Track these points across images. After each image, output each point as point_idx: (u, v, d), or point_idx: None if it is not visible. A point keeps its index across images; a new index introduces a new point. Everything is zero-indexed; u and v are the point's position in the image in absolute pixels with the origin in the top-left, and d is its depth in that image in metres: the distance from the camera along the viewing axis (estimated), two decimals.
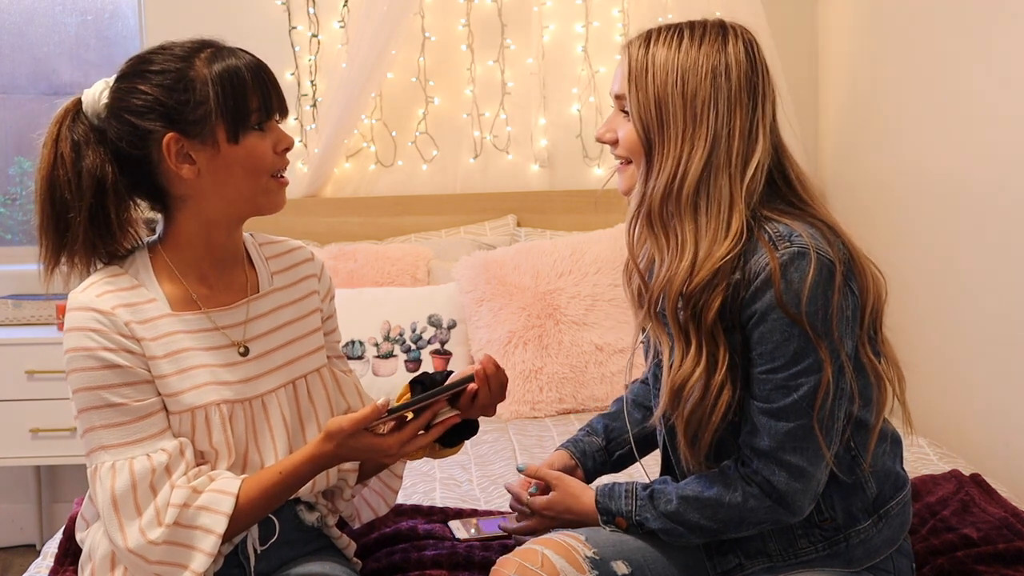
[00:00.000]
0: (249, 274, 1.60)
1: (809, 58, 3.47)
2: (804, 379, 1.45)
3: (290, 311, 1.61)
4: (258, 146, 1.48)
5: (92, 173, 1.47)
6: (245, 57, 1.49)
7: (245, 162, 1.47)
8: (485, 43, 3.41)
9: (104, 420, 1.45)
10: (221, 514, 1.43)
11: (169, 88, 1.45)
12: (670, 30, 1.53)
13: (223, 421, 1.49)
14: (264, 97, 1.48)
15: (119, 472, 1.43)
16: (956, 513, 1.92)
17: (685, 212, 1.50)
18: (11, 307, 3.32)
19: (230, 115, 1.45)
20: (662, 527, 1.55)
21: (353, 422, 1.43)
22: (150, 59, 1.48)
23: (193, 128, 1.45)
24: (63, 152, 1.48)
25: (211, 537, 1.42)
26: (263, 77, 1.48)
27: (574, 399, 2.83)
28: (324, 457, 1.47)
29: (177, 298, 1.52)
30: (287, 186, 1.54)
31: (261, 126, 1.48)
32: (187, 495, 1.43)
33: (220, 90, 1.44)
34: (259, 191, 1.50)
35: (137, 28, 3.45)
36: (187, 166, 1.46)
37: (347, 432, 1.44)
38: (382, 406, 1.43)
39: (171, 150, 1.45)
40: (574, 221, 3.32)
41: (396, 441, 1.46)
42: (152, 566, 1.43)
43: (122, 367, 1.44)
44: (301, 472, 1.48)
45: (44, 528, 3.44)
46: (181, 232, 1.52)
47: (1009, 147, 2.38)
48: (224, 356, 1.53)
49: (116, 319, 1.45)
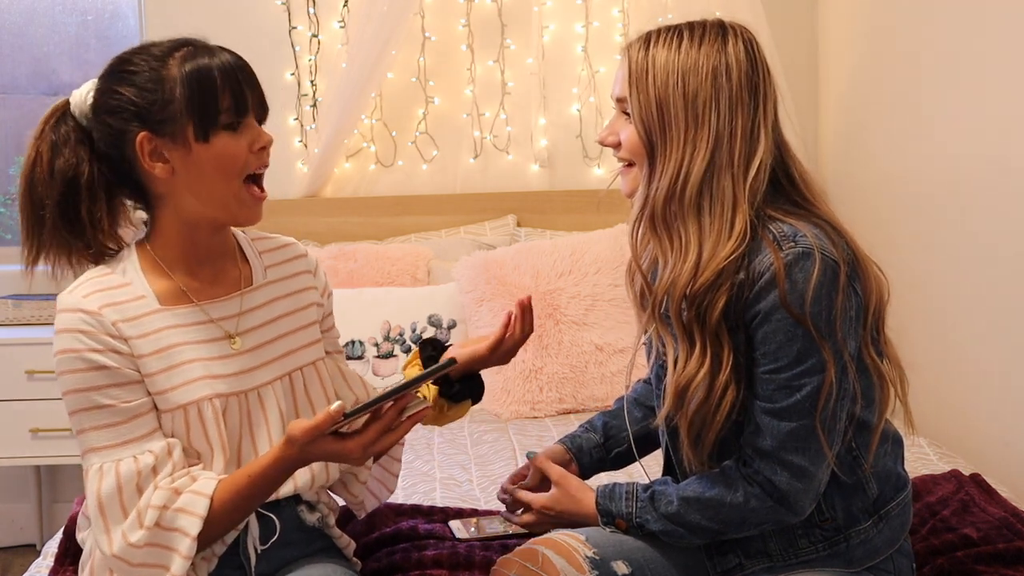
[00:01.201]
0: (242, 267, 1.60)
1: (809, 57, 3.47)
2: (807, 379, 1.45)
3: (285, 304, 1.61)
4: (229, 146, 1.47)
5: (64, 171, 1.50)
6: (222, 56, 1.48)
7: (216, 162, 1.47)
8: (485, 43, 3.41)
9: (93, 422, 1.44)
10: (196, 516, 1.41)
11: (141, 88, 1.46)
12: (670, 31, 1.53)
13: (216, 415, 1.49)
14: (236, 96, 1.47)
15: (105, 475, 1.43)
16: (956, 513, 1.92)
17: (688, 213, 1.50)
18: (11, 307, 3.32)
19: (197, 114, 1.45)
20: (663, 528, 1.55)
21: (305, 431, 1.38)
22: (129, 59, 1.49)
23: (163, 127, 1.45)
24: (41, 151, 1.52)
25: (187, 540, 1.41)
26: (236, 76, 1.48)
27: (574, 399, 2.83)
28: (288, 461, 1.43)
29: (167, 293, 1.52)
30: (263, 201, 1.53)
31: (233, 126, 1.47)
32: (167, 496, 1.42)
33: (187, 89, 1.44)
34: (232, 196, 1.49)
35: (137, 28, 3.45)
36: (160, 165, 1.47)
37: (303, 440, 1.39)
38: (336, 412, 1.36)
39: (144, 149, 1.46)
40: (574, 221, 3.32)
41: (358, 445, 1.39)
42: (135, 569, 1.42)
43: (110, 368, 1.44)
44: (268, 475, 1.44)
45: (44, 528, 3.44)
46: (164, 230, 1.53)
47: (1009, 146, 2.38)
48: (218, 348, 1.52)
49: (103, 319, 1.45)
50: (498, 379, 2.85)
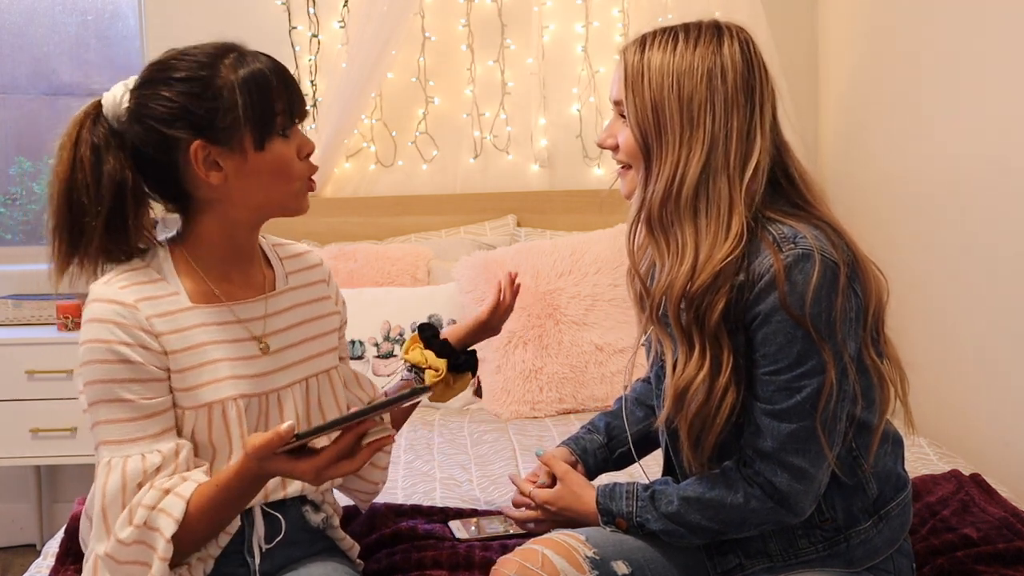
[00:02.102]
0: (266, 272, 1.61)
1: (809, 57, 3.47)
2: (807, 381, 1.45)
3: (305, 310, 1.63)
4: (284, 152, 1.48)
5: (113, 178, 1.46)
6: (266, 60, 1.48)
7: (272, 168, 1.47)
8: (485, 43, 3.41)
9: (110, 415, 1.44)
10: (172, 518, 1.40)
11: (197, 95, 1.44)
12: (665, 33, 1.52)
13: (239, 415, 1.49)
14: (288, 100, 1.48)
15: (112, 471, 1.43)
16: (956, 513, 1.92)
17: (685, 215, 1.49)
18: (11, 307, 3.32)
19: (257, 121, 1.44)
20: (663, 528, 1.55)
21: (256, 447, 1.33)
22: (173, 65, 1.47)
23: (221, 135, 1.44)
24: (83, 155, 1.46)
25: (162, 540, 1.40)
26: (286, 79, 1.49)
27: (574, 399, 2.83)
28: (249, 473, 1.38)
29: (198, 293, 1.51)
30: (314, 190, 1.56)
31: (285, 131, 1.48)
32: (156, 496, 1.42)
33: (247, 96, 1.44)
34: (289, 195, 1.51)
35: (137, 28, 3.45)
36: (214, 172, 1.46)
37: (254, 456, 1.34)
38: (286, 432, 1.31)
39: (198, 157, 1.44)
40: (574, 221, 3.32)
41: (310, 467, 1.34)
42: (122, 567, 1.42)
43: (135, 363, 1.43)
44: (233, 486, 1.40)
45: (44, 528, 3.44)
46: (203, 232, 1.52)
47: (1009, 145, 2.38)
48: (244, 349, 1.53)
49: (138, 313, 1.44)
50: (498, 379, 2.85)
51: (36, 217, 3.61)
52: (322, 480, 1.36)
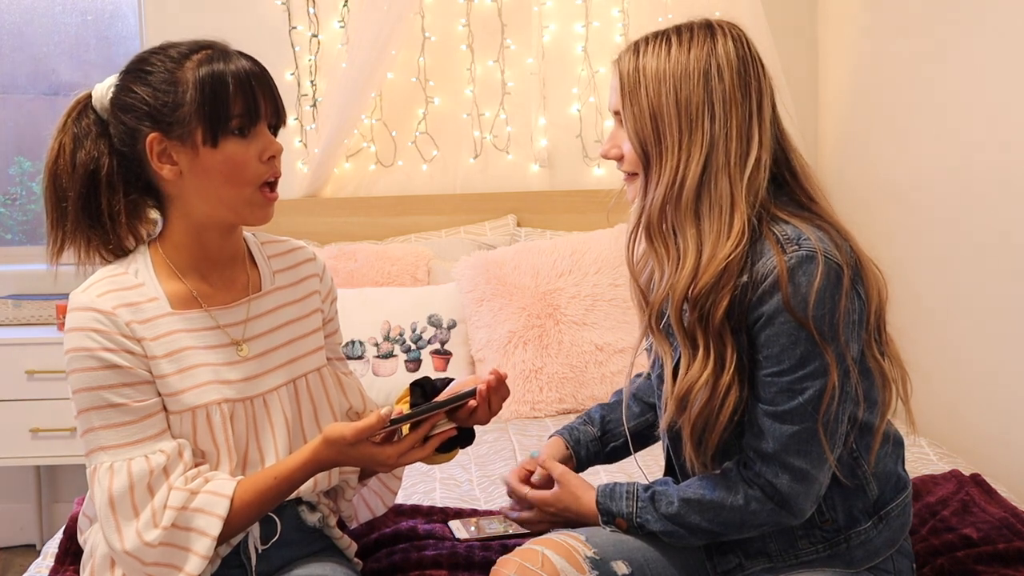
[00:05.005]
0: (251, 273, 1.60)
1: (809, 56, 3.47)
2: (810, 383, 1.45)
3: (291, 310, 1.62)
4: (238, 153, 1.47)
5: (85, 164, 1.51)
6: (240, 62, 1.48)
7: (224, 168, 1.47)
8: (485, 43, 3.41)
9: (104, 421, 1.45)
10: (216, 516, 1.43)
11: (155, 88, 1.47)
12: (658, 37, 1.51)
13: (224, 420, 1.50)
14: (249, 103, 1.47)
15: (117, 473, 1.44)
16: (956, 513, 1.92)
17: (686, 219, 1.49)
18: (11, 307, 3.32)
19: (208, 118, 1.45)
20: (663, 529, 1.55)
21: (356, 431, 1.44)
22: (148, 59, 1.50)
23: (173, 129, 1.46)
24: (64, 143, 1.53)
25: (205, 539, 1.43)
26: (251, 84, 1.47)
27: (574, 399, 2.83)
28: (321, 462, 1.49)
29: (178, 296, 1.52)
30: (275, 201, 1.53)
31: (243, 132, 1.47)
32: (184, 497, 1.43)
33: (199, 93, 1.45)
34: (242, 201, 1.49)
35: (137, 28, 3.45)
36: (168, 166, 1.48)
37: (348, 441, 1.45)
38: (385, 416, 1.44)
39: (153, 149, 1.47)
40: (574, 221, 3.32)
41: (395, 452, 1.48)
42: (147, 568, 1.43)
43: (122, 367, 1.44)
44: (296, 477, 1.49)
45: (44, 528, 3.44)
46: (175, 232, 1.54)
47: (1010, 144, 2.38)
48: (225, 355, 1.53)
49: (117, 319, 1.45)
50: None
51: (36, 217, 3.61)
52: (399, 464, 1.50)
